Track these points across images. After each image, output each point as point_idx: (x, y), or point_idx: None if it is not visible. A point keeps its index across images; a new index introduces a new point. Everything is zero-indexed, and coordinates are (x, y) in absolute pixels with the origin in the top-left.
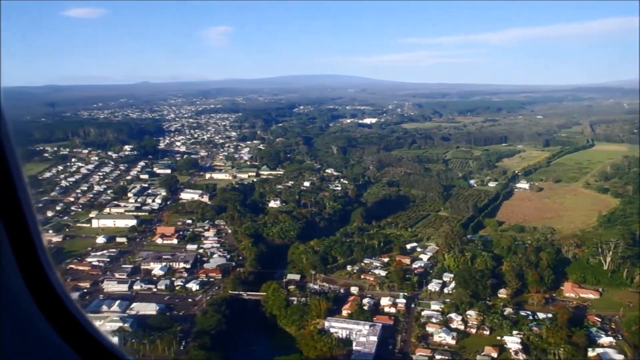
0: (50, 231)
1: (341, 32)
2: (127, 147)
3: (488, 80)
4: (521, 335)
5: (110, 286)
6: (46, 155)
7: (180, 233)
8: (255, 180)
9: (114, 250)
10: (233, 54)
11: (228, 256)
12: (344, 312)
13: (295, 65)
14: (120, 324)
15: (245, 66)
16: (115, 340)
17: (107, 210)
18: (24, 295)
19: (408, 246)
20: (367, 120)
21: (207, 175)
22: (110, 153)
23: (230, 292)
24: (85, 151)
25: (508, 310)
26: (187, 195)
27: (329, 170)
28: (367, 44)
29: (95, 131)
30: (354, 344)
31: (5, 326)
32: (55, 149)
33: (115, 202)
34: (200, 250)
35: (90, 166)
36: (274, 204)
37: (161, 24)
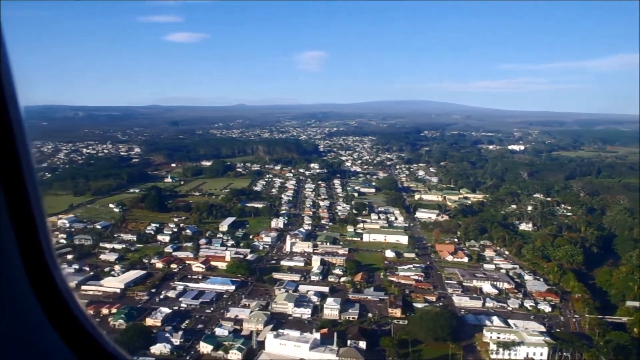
0: (327, 243)
1: (435, 59)
2: (314, 165)
3: (592, 109)
4: None
5: (462, 302)
6: (239, 169)
7: (462, 252)
8: (469, 202)
9: (418, 265)
10: (324, 79)
11: (540, 279)
12: None
13: (385, 91)
14: (542, 339)
15: (337, 90)
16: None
17: (360, 225)
18: (27, 292)
19: None
20: (516, 147)
21: (417, 196)
22: (301, 170)
23: (588, 315)
24: (277, 167)
25: None
26: (422, 215)
27: (536, 195)
28: (464, 71)
29: (263, 148)
30: None
31: (6, 321)
32: (243, 164)
33: (361, 218)
34: (502, 271)
35: (292, 182)
36: (525, 226)
37: (255, 48)
